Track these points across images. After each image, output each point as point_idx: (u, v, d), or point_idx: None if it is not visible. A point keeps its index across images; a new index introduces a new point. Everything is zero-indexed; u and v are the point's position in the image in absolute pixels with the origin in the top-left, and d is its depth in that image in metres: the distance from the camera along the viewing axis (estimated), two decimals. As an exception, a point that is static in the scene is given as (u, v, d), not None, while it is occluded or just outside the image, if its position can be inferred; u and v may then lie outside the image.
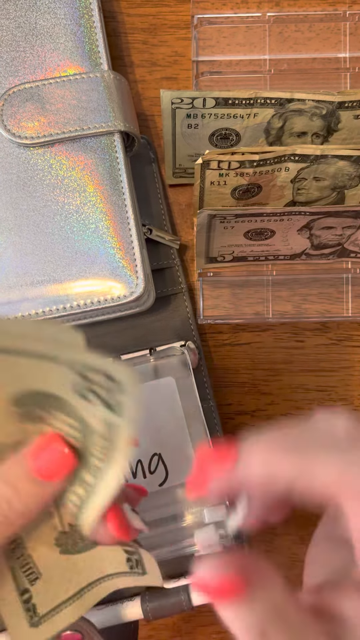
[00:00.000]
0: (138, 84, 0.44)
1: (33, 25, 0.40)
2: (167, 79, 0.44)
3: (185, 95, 0.36)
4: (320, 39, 0.43)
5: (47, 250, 0.38)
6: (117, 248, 0.38)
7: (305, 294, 0.44)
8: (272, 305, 0.44)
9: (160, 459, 0.38)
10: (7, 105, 0.38)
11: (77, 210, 0.38)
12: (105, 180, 0.39)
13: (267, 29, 0.43)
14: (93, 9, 0.40)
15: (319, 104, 0.36)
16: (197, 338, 0.42)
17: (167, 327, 0.42)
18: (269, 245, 0.40)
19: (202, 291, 0.43)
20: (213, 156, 0.34)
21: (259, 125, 0.38)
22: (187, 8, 0.44)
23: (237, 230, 0.38)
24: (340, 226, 0.38)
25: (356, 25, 0.43)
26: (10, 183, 0.38)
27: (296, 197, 0.39)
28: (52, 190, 0.38)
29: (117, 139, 0.39)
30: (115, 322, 0.41)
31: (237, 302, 0.44)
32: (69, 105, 0.38)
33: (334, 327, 0.44)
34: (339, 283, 0.44)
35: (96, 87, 0.39)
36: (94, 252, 0.38)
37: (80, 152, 0.39)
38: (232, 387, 0.44)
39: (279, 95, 0.36)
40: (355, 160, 0.35)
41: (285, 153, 0.35)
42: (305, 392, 0.44)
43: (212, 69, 0.43)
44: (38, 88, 0.39)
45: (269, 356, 0.44)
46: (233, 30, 0.43)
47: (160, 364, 0.40)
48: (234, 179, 0.36)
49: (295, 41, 0.43)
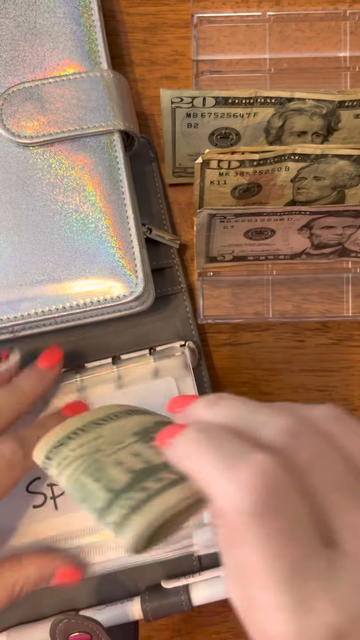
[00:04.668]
0: (138, 83, 0.44)
1: (32, 25, 0.40)
2: (167, 78, 0.44)
3: (185, 94, 0.35)
4: (321, 38, 0.43)
5: (46, 250, 0.38)
6: (117, 247, 0.38)
7: (305, 293, 0.44)
8: (272, 305, 0.44)
9: None
10: (6, 104, 0.38)
11: (76, 209, 0.38)
12: (104, 180, 0.39)
13: (268, 28, 0.43)
14: (93, 8, 0.40)
15: (319, 103, 0.36)
16: (197, 338, 0.42)
17: (167, 327, 0.42)
18: (269, 244, 0.40)
19: (202, 291, 0.43)
20: (213, 155, 0.34)
21: (259, 125, 0.38)
22: (187, 7, 0.44)
23: (237, 229, 0.38)
24: (340, 225, 0.38)
25: (357, 24, 0.42)
26: (9, 182, 0.38)
27: (296, 197, 0.39)
28: (52, 189, 0.38)
29: (116, 138, 0.39)
30: (115, 321, 0.41)
31: (237, 301, 0.44)
32: (69, 105, 0.38)
33: (334, 326, 0.44)
34: (339, 283, 0.44)
35: (96, 86, 0.39)
36: (93, 252, 0.38)
37: (79, 152, 0.39)
38: (232, 387, 0.44)
39: (279, 95, 0.35)
40: (355, 159, 0.35)
41: (285, 152, 0.34)
42: (305, 392, 0.44)
43: (212, 68, 0.43)
44: (37, 87, 0.39)
45: (269, 356, 0.44)
46: (233, 29, 0.43)
47: (160, 365, 0.40)
48: (234, 178, 0.36)
49: (296, 40, 0.43)
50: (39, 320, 0.38)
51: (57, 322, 0.39)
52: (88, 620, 0.35)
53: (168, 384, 0.39)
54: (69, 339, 0.41)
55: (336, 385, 0.44)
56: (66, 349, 0.41)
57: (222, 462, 0.20)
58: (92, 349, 0.41)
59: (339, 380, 0.44)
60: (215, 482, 0.20)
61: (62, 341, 0.41)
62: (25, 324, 0.38)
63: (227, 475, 0.20)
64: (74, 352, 0.41)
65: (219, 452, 0.21)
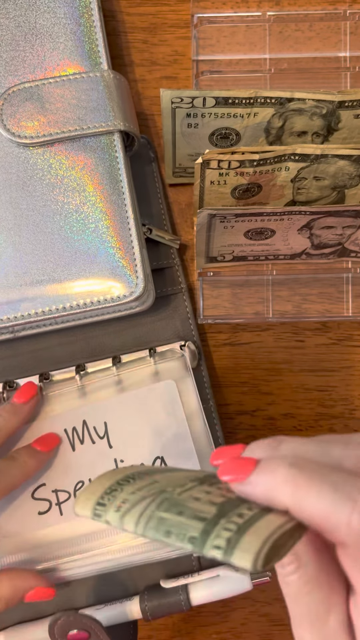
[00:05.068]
0: (138, 83, 0.44)
1: (33, 25, 0.40)
2: (167, 78, 0.44)
3: (185, 94, 0.35)
4: (321, 38, 0.43)
5: (46, 250, 0.38)
6: (117, 248, 0.38)
7: (305, 293, 0.44)
8: (272, 305, 0.44)
9: (163, 462, 0.38)
10: (6, 104, 0.38)
11: (76, 209, 0.38)
12: (104, 180, 0.39)
13: (267, 28, 0.43)
14: (93, 8, 0.40)
15: (319, 104, 0.36)
16: (197, 338, 0.42)
17: (167, 327, 0.42)
18: (269, 244, 0.40)
19: (202, 291, 0.43)
20: (213, 155, 0.34)
21: (259, 125, 0.38)
22: (187, 7, 0.44)
23: (237, 229, 0.38)
24: (340, 226, 0.38)
25: (356, 24, 0.42)
26: (9, 182, 0.38)
27: (296, 197, 0.39)
28: (52, 189, 0.38)
29: (116, 138, 0.39)
30: (115, 321, 0.41)
31: (237, 301, 0.44)
32: (69, 105, 0.38)
33: (334, 326, 0.44)
34: (339, 283, 0.44)
35: (96, 86, 0.39)
36: (93, 252, 0.38)
37: (79, 152, 0.39)
38: (232, 387, 0.44)
39: (279, 95, 0.36)
40: (355, 159, 0.35)
41: (285, 152, 0.34)
42: (305, 391, 0.44)
43: (212, 68, 0.43)
44: (38, 87, 0.39)
45: (269, 356, 0.44)
46: (233, 30, 0.43)
47: (160, 367, 0.40)
48: (234, 178, 0.36)
49: (296, 40, 0.43)
50: (39, 320, 0.38)
51: (57, 322, 0.39)
52: (86, 618, 0.35)
53: (168, 387, 0.39)
54: (69, 339, 0.41)
55: (336, 385, 0.44)
56: (66, 349, 0.41)
57: (335, 494, 0.20)
58: (92, 349, 0.41)
59: (339, 380, 0.44)
60: (332, 512, 0.20)
61: (62, 341, 0.41)
62: (25, 324, 0.38)
63: (346, 504, 0.20)
64: (74, 352, 0.41)
65: (327, 483, 0.21)
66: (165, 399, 0.39)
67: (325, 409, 0.44)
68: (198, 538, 0.21)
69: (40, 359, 0.41)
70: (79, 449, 0.38)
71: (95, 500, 0.24)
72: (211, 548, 0.21)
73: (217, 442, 0.41)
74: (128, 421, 0.39)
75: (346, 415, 0.44)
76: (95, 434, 0.38)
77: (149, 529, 0.22)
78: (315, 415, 0.44)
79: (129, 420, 0.39)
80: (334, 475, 0.21)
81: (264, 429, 0.44)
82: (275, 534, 0.20)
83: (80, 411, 0.39)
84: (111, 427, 0.38)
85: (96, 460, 0.38)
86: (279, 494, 0.21)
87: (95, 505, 0.24)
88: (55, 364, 0.40)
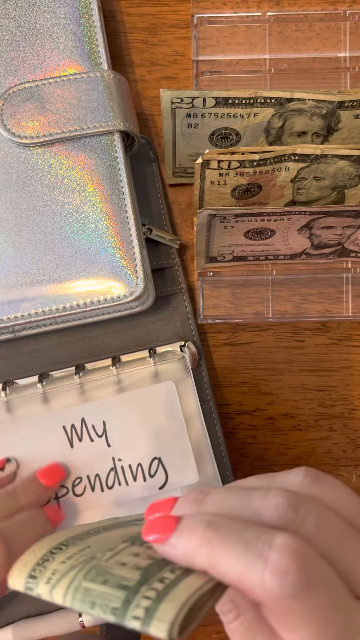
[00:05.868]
0: (138, 83, 0.44)
1: (33, 25, 0.40)
2: (167, 78, 0.44)
3: (185, 94, 0.36)
4: (321, 39, 0.43)
5: (46, 250, 0.38)
6: (117, 248, 0.38)
7: (305, 293, 0.44)
8: (272, 305, 0.44)
9: (160, 462, 0.38)
10: (6, 104, 0.38)
11: (76, 209, 0.38)
12: (105, 180, 0.39)
13: (267, 29, 0.43)
14: (93, 8, 0.40)
15: (319, 104, 0.36)
16: (197, 338, 0.42)
17: (167, 327, 0.42)
18: (269, 244, 0.40)
19: (202, 291, 0.43)
20: (213, 156, 0.34)
21: (259, 125, 0.38)
22: (187, 7, 0.44)
23: (237, 229, 0.38)
24: (340, 226, 0.38)
25: (356, 24, 0.43)
26: (10, 183, 0.38)
27: (296, 197, 0.39)
28: (52, 189, 0.38)
29: (116, 138, 0.39)
30: (115, 321, 0.41)
31: (237, 301, 0.44)
32: (69, 105, 0.38)
33: (334, 326, 0.44)
34: (339, 283, 0.44)
35: (96, 86, 0.39)
36: (93, 252, 0.38)
37: (80, 152, 0.39)
38: (231, 387, 0.44)
39: (279, 95, 0.36)
40: (355, 159, 0.35)
41: (285, 153, 0.34)
42: (305, 391, 0.44)
43: (212, 68, 0.43)
44: (38, 87, 0.39)
45: (269, 356, 0.44)
46: (233, 30, 0.43)
47: (160, 368, 0.40)
48: (234, 178, 0.36)
49: (296, 40, 0.43)
50: (40, 320, 0.38)
51: (58, 322, 0.39)
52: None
53: (168, 388, 0.39)
54: (69, 339, 0.41)
55: (336, 385, 0.44)
56: (66, 348, 0.41)
57: (247, 554, 0.20)
58: (92, 349, 0.41)
59: (338, 380, 0.44)
60: (246, 573, 0.20)
61: (62, 341, 0.41)
62: (25, 324, 0.38)
63: (258, 565, 0.20)
64: (74, 352, 0.41)
65: (240, 542, 0.20)
66: (164, 400, 0.39)
67: (325, 409, 0.44)
68: (120, 609, 0.21)
69: (40, 359, 0.41)
70: (77, 447, 0.38)
71: (27, 574, 0.23)
72: (131, 619, 0.20)
73: (216, 444, 0.41)
74: (127, 421, 0.39)
75: (346, 415, 0.44)
76: (94, 432, 0.38)
77: (76, 601, 0.22)
78: (315, 415, 0.44)
79: (128, 420, 0.39)
80: (248, 531, 0.21)
81: (264, 429, 0.44)
82: (192, 598, 0.20)
83: (79, 409, 0.39)
84: (110, 426, 0.38)
85: (94, 458, 0.38)
86: (196, 555, 0.21)
87: (27, 579, 0.23)
88: (55, 364, 0.40)
